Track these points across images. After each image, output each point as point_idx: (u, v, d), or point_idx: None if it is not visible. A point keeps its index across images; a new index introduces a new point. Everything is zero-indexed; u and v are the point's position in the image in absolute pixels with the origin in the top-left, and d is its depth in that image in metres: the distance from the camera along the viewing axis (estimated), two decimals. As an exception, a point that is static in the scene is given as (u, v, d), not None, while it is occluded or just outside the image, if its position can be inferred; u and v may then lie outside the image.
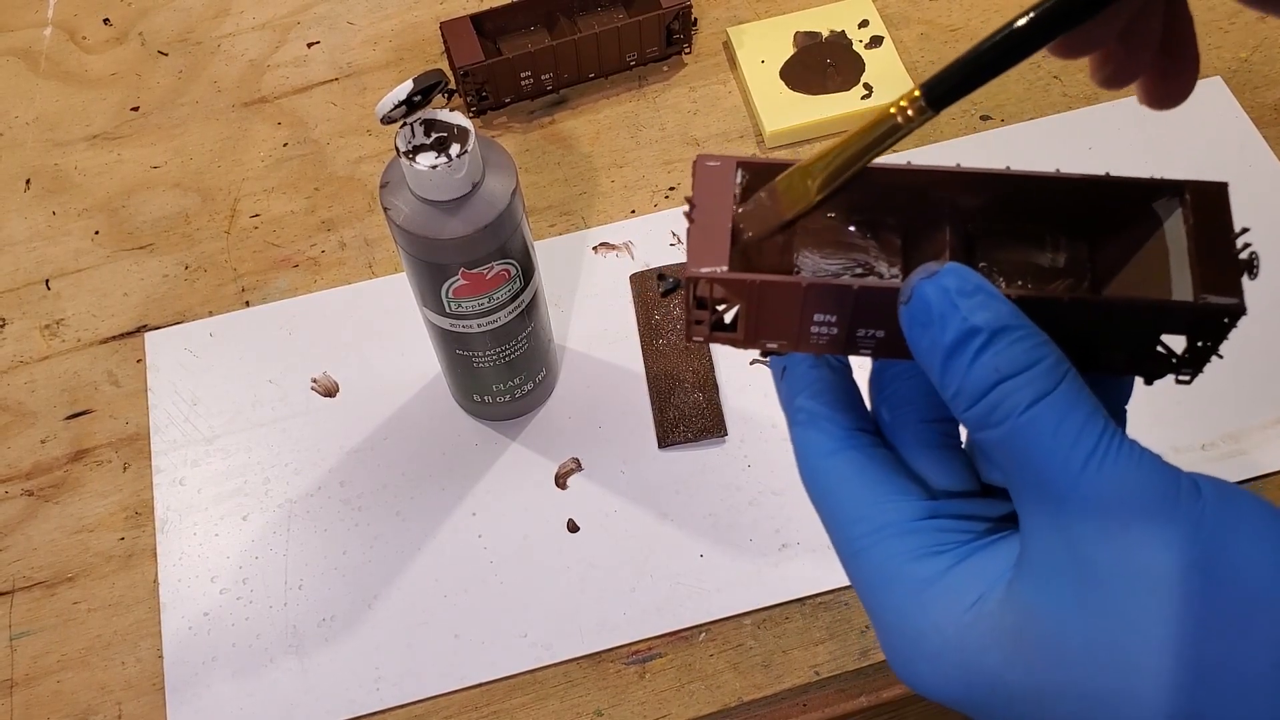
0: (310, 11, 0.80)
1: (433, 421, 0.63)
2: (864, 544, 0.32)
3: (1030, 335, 0.29)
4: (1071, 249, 0.35)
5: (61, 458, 0.63)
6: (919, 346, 0.30)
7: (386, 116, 0.47)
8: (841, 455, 0.33)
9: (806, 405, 0.34)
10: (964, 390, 0.29)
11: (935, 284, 0.30)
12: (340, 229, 0.70)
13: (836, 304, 0.32)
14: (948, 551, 0.31)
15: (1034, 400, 0.29)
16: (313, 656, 0.57)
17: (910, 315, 0.30)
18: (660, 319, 0.64)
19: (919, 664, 0.31)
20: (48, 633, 0.58)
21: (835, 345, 0.33)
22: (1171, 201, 0.33)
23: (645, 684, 0.56)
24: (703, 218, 0.33)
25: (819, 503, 0.34)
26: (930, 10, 0.77)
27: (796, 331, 0.33)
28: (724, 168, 0.33)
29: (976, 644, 0.30)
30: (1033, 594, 0.29)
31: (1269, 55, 0.74)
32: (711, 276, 0.32)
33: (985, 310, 0.29)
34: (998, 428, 0.29)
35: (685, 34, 0.74)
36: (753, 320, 0.33)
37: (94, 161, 0.74)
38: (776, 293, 0.32)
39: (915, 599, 0.31)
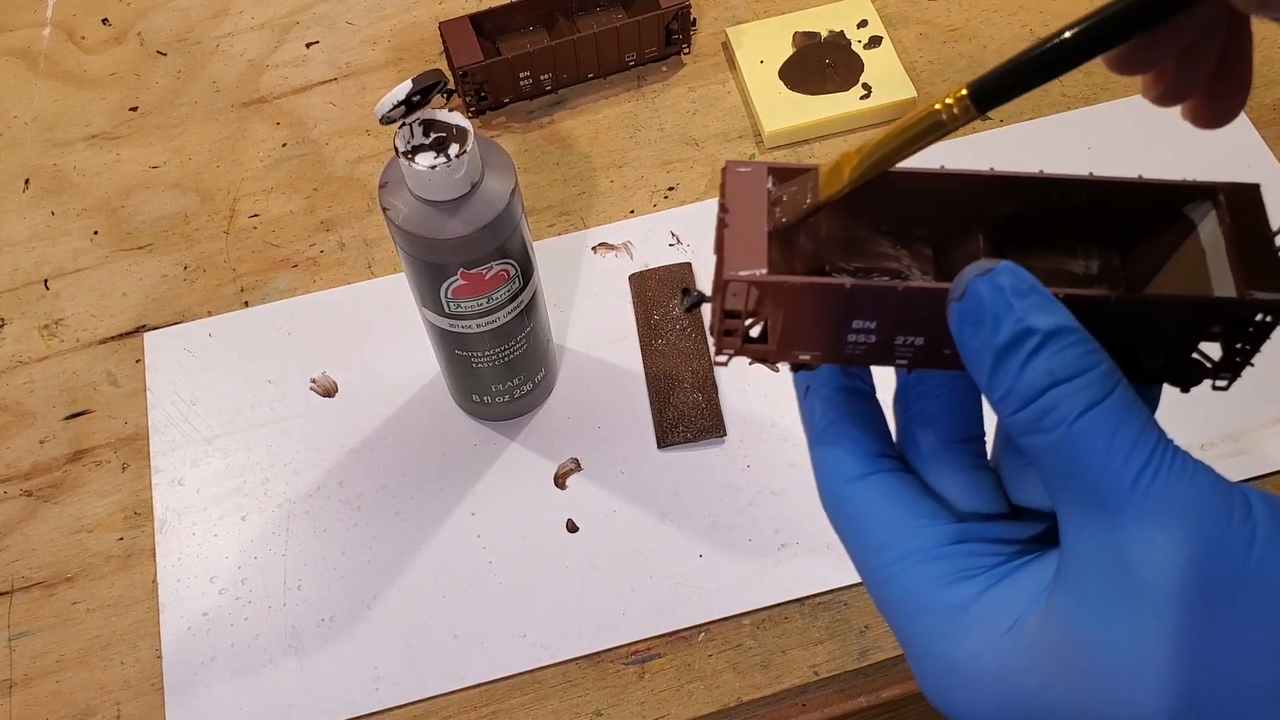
0: (309, 11, 0.80)
1: (432, 422, 0.63)
2: (892, 571, 0.32)
3: (1084, 340, 0.29)
4: (1104, 256, 0.34)
5: (60, 458, 0.63)
6: (969, 346, 0.29)
7: (385, 116, 0.47)
8: (867, 480, 0.33)
9: (831, 427, 0.33)
10: (1015, 392, 0.29)
11: (990, 281, 0.29)
12: (339, 229, 0.70)
13: (878, 308, 0.31)
14: (979, 575, 0.31)
15: (1087, 407, 0.28)
16: (312, 657, 0.56)
17: (962, 313, 0.29)
18: (659, 319, 0.64)
19: (956, 692, 0.30)
20: (47, 633, 0.58)
21: (871, 354, 0.32)
22: (1204, 204, 0.33)
23: (644, 684, 0.56)
24: (737, 222, 0.32)
25: (844, 529, 0.33)
26: (929, 10, 0.77)
27: (832, 340, 0.32)
28: (755, 173, 0.32)
29: (1016, 668, 0.29)
30: (1076, 609, 0.29)
31: (1268, 55, 0.74)
32: (751, 279, 0.30)
33: (1040, 311, 0.29)
34: (1049, 434, 0.28)
35: (684, 34, 0.74)
36: (786, 330, 0.32)
37: (93, 161, 0.74)
38: (817, 296, 0.31)
39: (949, 626, 0.30)
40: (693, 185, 0.70)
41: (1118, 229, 0.34)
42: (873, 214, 0.34)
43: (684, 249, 0.68)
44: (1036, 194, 0.33)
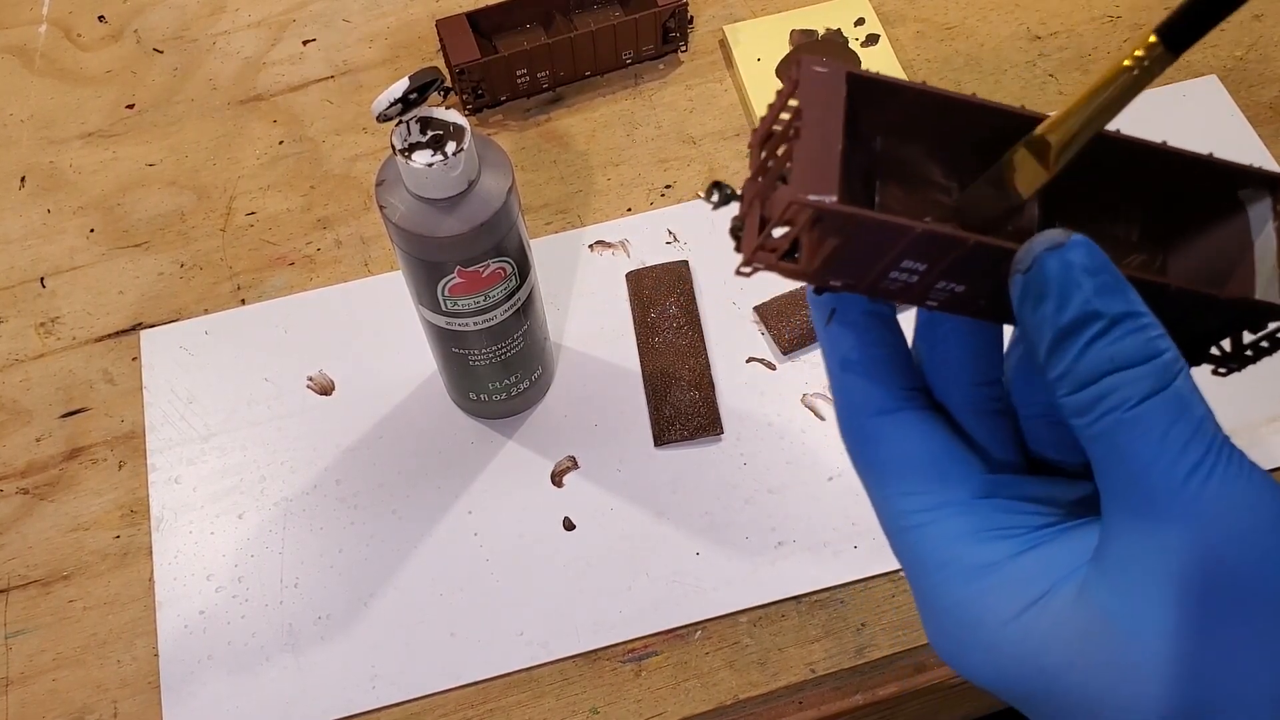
0: (306, 9, 0.80)
1: (429, 420, 0.63)
2: (919, 519, 0.30)
3: (1150, 326, 0.27)
4: (1146, 225, 0.33)
5: (57, 456, 0.63)
6: (1029, 320, 0.28)
7: (382, 114, 0.47)
8: (896, 416, 0.31)
9: (860, 355, 0.31)
10: (1072, 374, 0.28)
11: (1060, 257, 0.27)
12: (336, 227, 0.70)
13: (937, 254, 0.29)
14: (1014, 536, 0.30)
15: (1146, 395, 0.27)
16: (309, 655, 0.56)
17: (1026, 285, 0.28)
18: (656, 317, 0.64)
19: (971, 653, 0.30)
20: (43, 631, 0.58)
21: (905, 293, 0.30)
22: (1261, 195, 0.31)
23: (641, 682, 0.56)
24: (810, 133, 0.28)
25: (867, 467, 0.32)
26: (926, 8, 0.77)
27: (874, 274, 0.30)
28: (833, 76, 0.29)
29: (1038, 642, 0.28)
30: (1111, 599, 0.28)
31: (1264, 54, 0.74)
32: (820, 205, 0.27)
33: (1109, 294, 0.27)
34: (1102, 419, 0.27)
35: (681, 32, 0.74)
36: (833, 256, 0.29)
37: (89, 159, 0.74)
38: (883, 233, 0.28)
39: (974, 585, 0.29)
40: (690, 183, 0.70)
41: (1167, 199, 0.33)
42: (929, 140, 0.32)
43: (681, 247, 0.68)
44: (1098, 153, 0.31)
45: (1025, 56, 0.75)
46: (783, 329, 0.64)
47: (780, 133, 0.29)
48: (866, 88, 0.30)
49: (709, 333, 0.64)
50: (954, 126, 0.31)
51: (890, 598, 0.57)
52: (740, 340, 0.64)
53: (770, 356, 0.64)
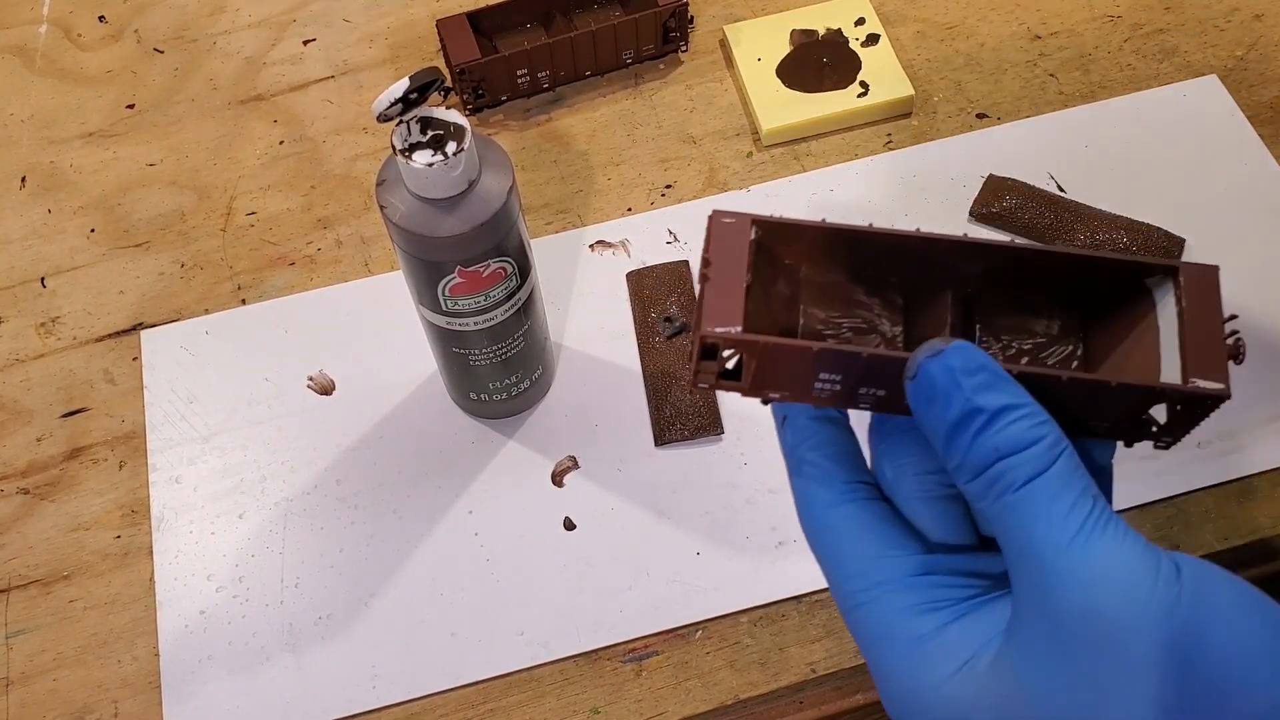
0: (306, 9, 0.80)
1: (429, 420, 0.63)
2: (863, 599, 0.33)
3: (1031, 414, 0.30)
4: (1065, 318, 0.36)
5: (57, 456, 0.63)
6: (924, 420, 0.31)
7: (383, 114, 0.47)
8: (841, 508, 0.34)
9: (808, 457, 0.35)
10: (966, 465, 0.31)
11: (940, 363, 0.31)
12: (336, 227, 0.70)
13: (843, 367, 0.33)
14: (944, 609, 0.32)
15: (1030, 477, 0.30)
16: (309, 654, 0.56)
17: (916, 391, 0.31)
18: (657, 317, 0.64)
19: (914, 717, 0.32)
20: (44, 631, 0.58)
21: (836, 399, 0.34)
22: (1165, 281, 0.34)
23: (642, 682, 0.56)
24: (718, 276, 0.33)
25: (820, 555, 0.35)
26: (926, 8, 0.77)
27: (801, 386, 0.34)
28: (739, 224, 0.34)
29: (965, 704, 0.31)
30: (1018, 662, 0.30)
31: (1265, 54, 0.74)
32: (726, 337, 0.33)
33: (988, 390, 0.30)
34: (995, 501, 0.30)
35: (682, 32, 0.74)
36: (760, 374, 0.34)
37: (90, 159, 0.74)
38: (787, 354, 0.33)
39: (910, 655, 0.32)
40: (690, 183, 0.70)
41: (1081, 294, 0.36)
42: (849, 264, 0.36)
43: (681, 247, 0.68)
44: (1004, 259, 0.35)
45: (1026, 56, 0.75)
46: (783, 329, 0.64)
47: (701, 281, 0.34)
48: (775, 229, 0.35)
49: (709, 332, 0.64)
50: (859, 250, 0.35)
51: (891, 597, 0.57)
52: (741, 340, 0.64)
53: (771, 356, 0.64)
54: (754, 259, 0.34)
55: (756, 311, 0.34)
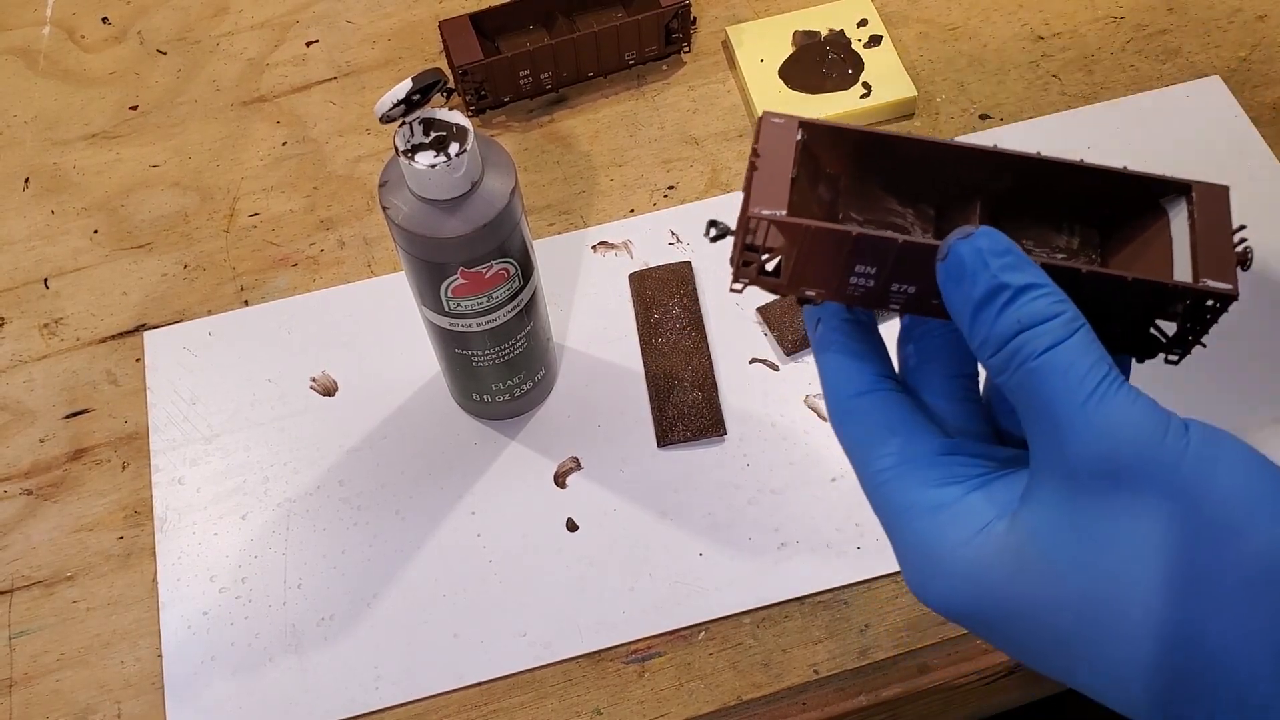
0: (309, 10, 0.80)
1: (432, 420, 0.63)
2: (890, 475, 0.36)
3: (1051, 293, 0.33)
4: (1085, 233, 0.38)
5: (60, 457, 0.63)
6: (952, 299, 0.34)
7: (385, 115, 0.47)
8: (871, 395, 0.37)
9: (841, 349, 0.37)
10: (990, 339, 0.33)
11: (970, 244, 0.33)
12: (339, 228, 0.70)
13: (879, 256, 0.35)
14: (964, 482, 0.35)
15: (1050, 346, 0.32)
16: (312, 655, 0.57)
17: (946, 271, 0.34)
18: (659, 318, 0.64)
19: (934, 581, 0.35)
20: (47, 632, 0.58)
21: (869, 297, 0.36)
22: (1178, 199, 0.37)
23: (644, 683, 0.56)
24: (766, 166, 0.35)
25: (847, 438, 0.37)
26: (929, 9, 0.77)
27: (837, 281, 0.36)
28: (788, 125, 0.36)
29: (984, 561, 0.33)
30: (1034, 518, 0.33)
31: (1267, 54, 0.74)
32: (772, 219, 0.34)
33: (1013, 270, 0.33)
34: (1016, 371, 0.32)
35: (684, 33, 0.74)
36: (798, 267, 0.36)
37: (93, 160, 0.74)
38: (827, 240, 0.35)
39: (932, 522, 0.34)
40: (693, 184, 0.70)
41: (1101, 211, 0.38)
42: (886, 175, 0.38)
43: (684, 248, 0.68)
44: (1032, 173, 0.37)
45: (1028, 57, 0.75)
46: (786, 330, 0.64)
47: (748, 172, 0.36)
48: (818, 132, 0.37)
49: (712, 334, 0.64)
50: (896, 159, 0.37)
51: (894, 599, 0.57)
52: (743, 341, 0.64)
53: (773, 357, 0.64)
54: (799, 158, 0.36)
55: (800, 206, 0.35)
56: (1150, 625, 0.31)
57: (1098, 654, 0.32)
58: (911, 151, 0.37)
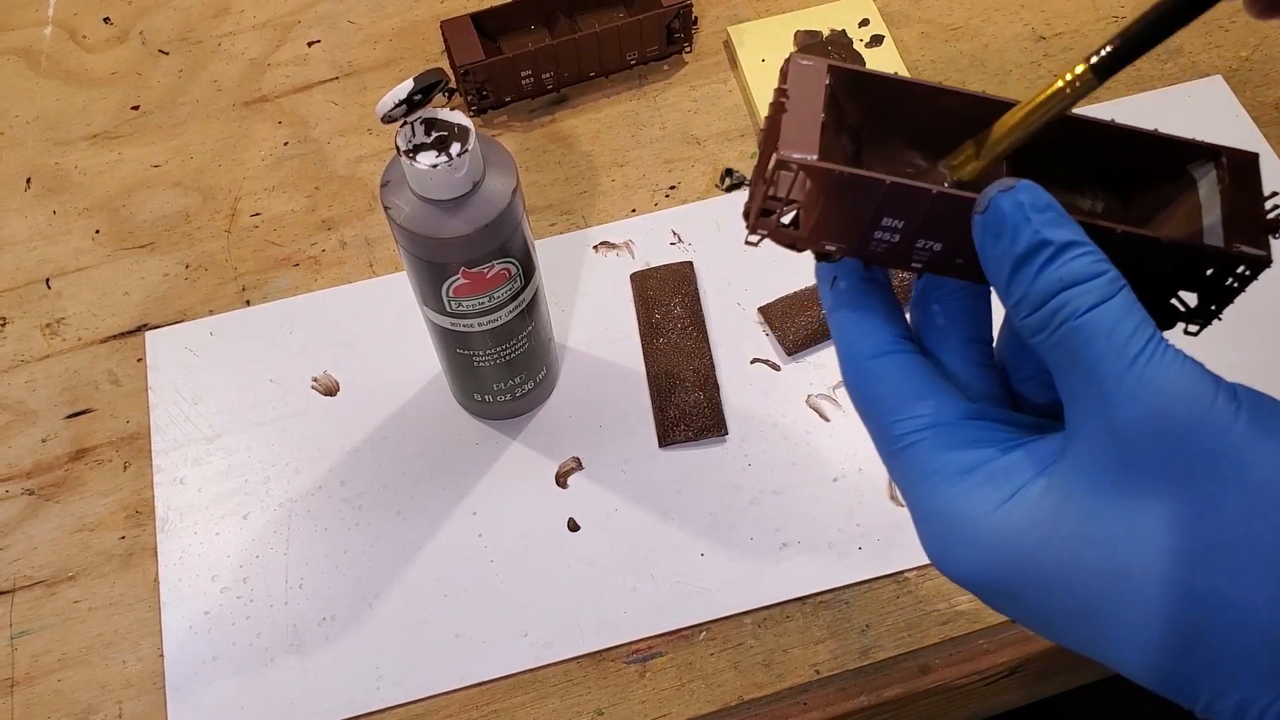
0: (311, 10, 0.80)
1: (433, 420, 0.63)
2: (912, 439, 0.34)
3: (1093, 252, 0.31)
4: (1109, 198, 0.37)
5: (62, 457, 0.63)
6: (989, 255, 0.32)
7: (387, 115, 0.47)
8: (890, 357, 0.35)
9: (857, 309, 0.36)
10: (1028, 297, 0.32)
11: (1011, 197, 0.32)
12: (341, 228, 0.70)
13: (909, 209, 0.33)
14: (990, 446, 0.34)
15: (1094, 305, 0.31)
16: (313, 655, 0.57)
17: (984, 224, 0.32)
18: (661, 318, 0.64)
19: (958, 548, 0.33)
20: (48, 632, 0.58)
21: (891, 254, 0.35)
22: (1206, 165, 0.36)
23: (646, 683, 0.56)
24: (796, 108, 0.33)
25: (865, 400, 0.36)
26: (931, 9, 0.77)
27: (860, 235, 0.34)
28: (816, 67, 0.34)
29: (1015, 526, 0.32)
30: (1073, 479, 0.31)
31: (1269, 54, 0.74)
32: (803, 163, 0.32)
33: (1055, 226, 0.31)
34: (1057, 330, 0.31)
35: (686, 33, 0.74)
36: (821, 219, 0.34)
37: (94, 160, 0.74)
38: (858, 188, 0.33)
39: (958, 486, 0.33)
40: (694, 184, 0.70)
41: (1126, 175, 0.37)
42: (908, 128, 0.36)
43: (685, 248, 0.68)
44: (1060, 130, 0.35)
45: (1030, 57, 0.75)
46: (787, 330, 0.64)
47: (774, 115, 0.34)
48: (847, 79, 0.35)
49: (713, 334, 0.64)
50: (925, 112, 0.36)
51: (895, 599, 0.57)
52: (745, 341, 0.64)
53: (775, 358, 0.64)
54: (827, 103, 0.34)
55: (826, 154, 0.33)
56: (1191, 592, 0.30)
57: (1130, 621, 0.31)
58: (938, 102, 0.36)
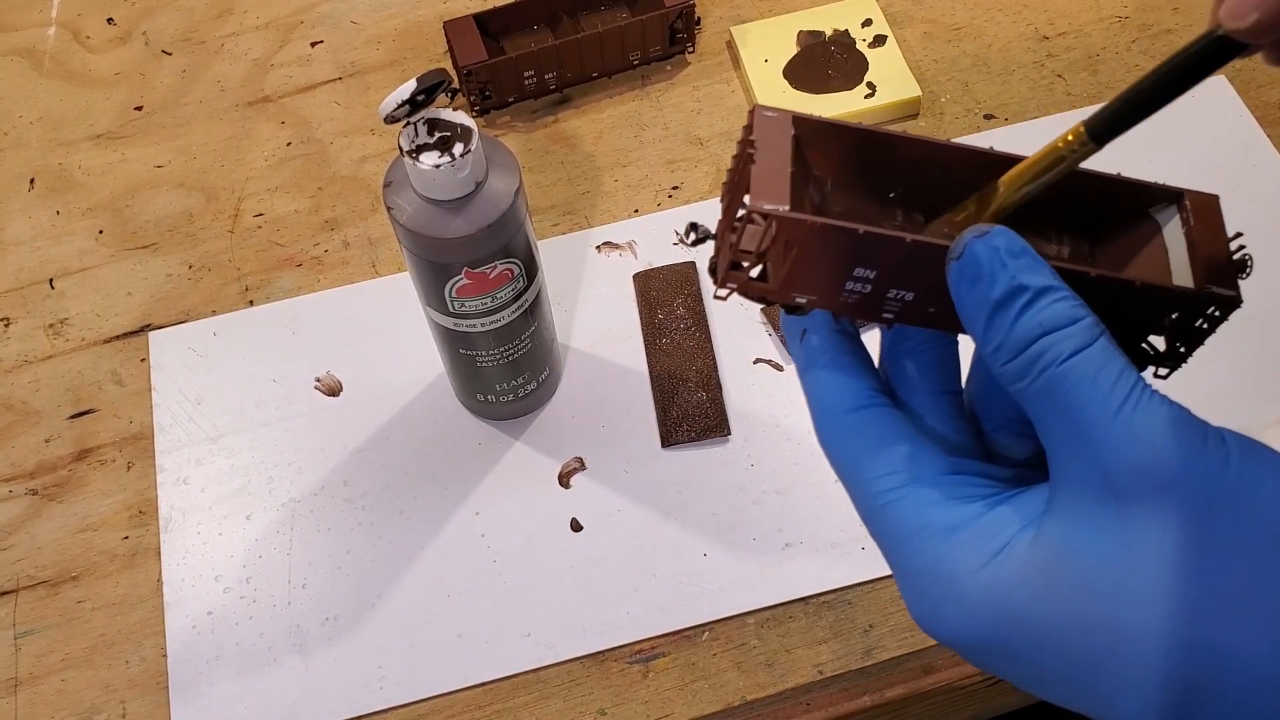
0: (313, 11, 0.80)
1: (436, 421, 0.63)
2: (893, 496, 0.33)
3: (1070, 297, 0.31)
4: (1074, 243, 0.37)
5: (65, 457, 0.63)
6: (966, 301, 0.32)
7: (390, 116, 0.47)
8: (865, 412, 0.35)
9: (830, 364, 0.35)
10: (1007, 343, 0.31)
11: (986, 243, 0.31)
12: (344, 228, 0.70)
13: (882, 257, 0.33)
14: (976, 501, 0.33)
15: (1075, 351, 0.30)
16: (316, 655, 0.57)
17: (960, 270, 0.32)
18: (664, 318, 0.64)
19: (947, 608, 0.32)
20: (52, 632, 0.58)
21: (863, 305, 0.34)
22: (1169, 209, 0.36)
23: (648, 683, 0.56)
24: (764, 159, 0.33)
25: (841, 458, 0.35)
26: (933, 9, 0.77)
27: (832, 286, 0.34)
28: (781, 119, 0.34)
29: (1006, 584, 0.31)
30: (1064, 532, 0.31)
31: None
32: (775, 214, 0.32)
33: (1032, 271, 0.31)
34: (1039, 377, 0.31)
35: (688, 33, 0.74)
36: (792, 270, 0.33)
37: (98, 161, 0.74)
38: (831, 238, 0.32)
39: (944, 544, 0.32)
40: (697, 184, 0.70)
41: (1090, 219, 0.37)
42: (872, 177, 0.36)
43: (688, 248, 0.68)
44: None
45: (1033, 57, 0.74)
46: (790, 330, 0.64)
47: (741, 167, 0.34)
48: (811, 128, 0.35)
49: (716, 334, 0.64)
50: (890, 161, 0.36)
51: (898, 599, 0.57)
52: (748, 341, 0.64)
53: (778, 358, 0.64)
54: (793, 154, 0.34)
55: (794, 204, 0.33)
56: (1193, 645, 0.29)
57: (1129, 676, 0.30)
58: (903, 151, 0.36)
